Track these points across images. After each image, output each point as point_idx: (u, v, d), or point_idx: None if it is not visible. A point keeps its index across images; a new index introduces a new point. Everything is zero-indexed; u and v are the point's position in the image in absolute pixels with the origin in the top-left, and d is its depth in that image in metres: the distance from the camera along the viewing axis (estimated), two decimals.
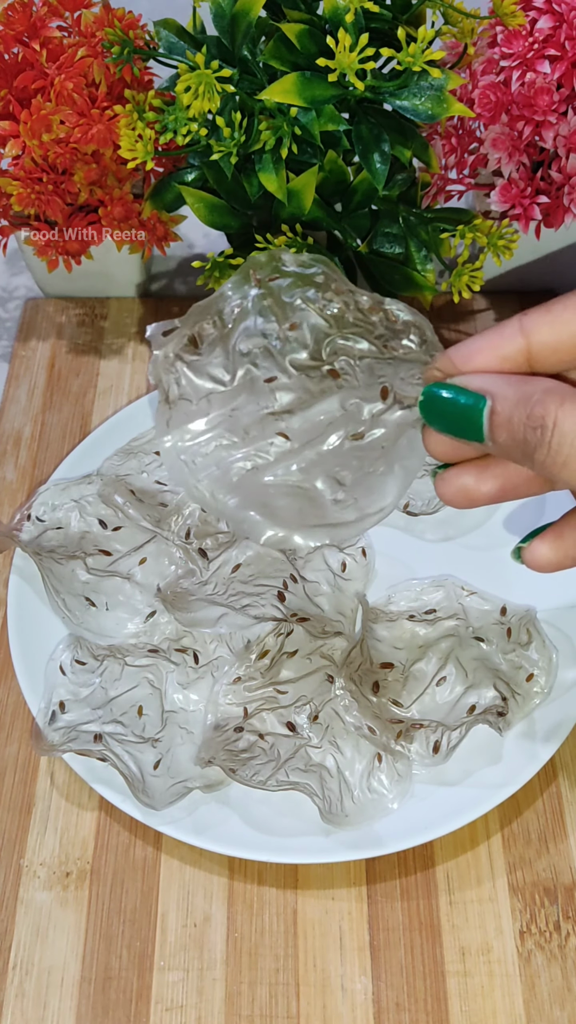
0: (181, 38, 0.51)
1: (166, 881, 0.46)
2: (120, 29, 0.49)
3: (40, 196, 0.55)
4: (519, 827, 0.47)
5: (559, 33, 0.50)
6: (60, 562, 0.51)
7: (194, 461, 0.39)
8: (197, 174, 0.55)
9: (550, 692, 0.47)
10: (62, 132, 0.51)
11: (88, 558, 0.51)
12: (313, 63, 0.47)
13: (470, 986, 0.43)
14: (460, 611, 0.50)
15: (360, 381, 0.38)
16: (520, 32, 0.50)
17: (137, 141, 0.49)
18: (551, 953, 0.44)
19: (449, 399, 0.32)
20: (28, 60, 0.52)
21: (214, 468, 0.39)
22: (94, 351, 0.65)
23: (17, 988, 0.43)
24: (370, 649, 0.49)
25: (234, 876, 0.46)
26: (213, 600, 0.49)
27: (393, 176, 0.54)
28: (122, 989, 0.43)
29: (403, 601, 0.51)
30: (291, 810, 0.45)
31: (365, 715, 0.46)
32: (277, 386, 0.38)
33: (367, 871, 0.46)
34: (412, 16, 0.49)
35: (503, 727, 0.45)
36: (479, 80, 0.53)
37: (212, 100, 0.47)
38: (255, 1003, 0.43)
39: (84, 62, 0.51)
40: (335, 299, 0.38)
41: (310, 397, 0.38)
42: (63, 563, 0.51)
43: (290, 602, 0.49)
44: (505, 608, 0.50)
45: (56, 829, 0.47)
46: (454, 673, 0.48)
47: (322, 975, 0.43)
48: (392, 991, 0.43)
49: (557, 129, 0.53)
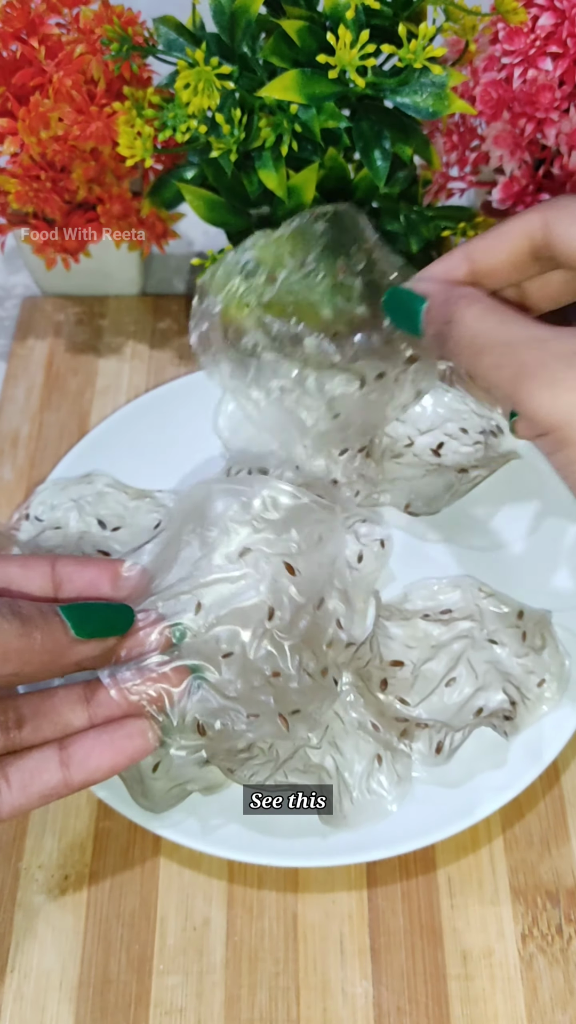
0: (180, 35, 0.50)
1: (165, 884, 0.46)
2: (119, 26, 0.49)
3: (38, 194, 0.54)
4: (521, 830, 0.47)
5: (561, 30, 0.50)
6: None
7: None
8: (196, 171, 0.54)
9: (560, 699, 0.47)
10: (60, 129, 0.50)
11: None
12: (313, 60, 0.47)
13: (471, 990, 0.43)
14: (476, 612, 0.50)
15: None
16: (522, 29, 0.50)
17: (136, 138, 0.49)
18: (553, 957, 0.44)
19: (400, 296, 0.42)
20: (26, 57, 0.51)
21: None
22: (92, 350, 0.65)
23: (15, 991, 0.43)
24: (381, 646, 0.49)
25: (234, 879, 0.46)
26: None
27: (394, 173, 0.54)
28: (121, 993, 0.43)
29: (419, 600, 0.51)
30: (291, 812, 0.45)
31: (369, 711, 0.46)
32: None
33: (368, 874, 0.46)
34: (413, 13, 0.48)
35: (509, 731, 0.45)
36: (481, 77, 0.53)
37: (211, 97, 0.46)
38: (255, 1007, 0.43)
39: (83, 59, 0.50)
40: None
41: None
42: None
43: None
44: (522, 612, 0.50)
45: (54, 832, 0.47)
46: (464, 674, 0.48)
47: (322, 979, 0.43)
48: (393, 995, 0.43)
49: (559, 126, 0.53)
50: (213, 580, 0.43)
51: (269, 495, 0.45)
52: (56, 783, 0.37)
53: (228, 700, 0.41)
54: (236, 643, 0.42)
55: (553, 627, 0.49)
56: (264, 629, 0.43)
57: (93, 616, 0.38)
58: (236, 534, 0.44)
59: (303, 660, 0.43)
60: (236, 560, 0.44)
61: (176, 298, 0.67)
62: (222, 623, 0.42)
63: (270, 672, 0.42)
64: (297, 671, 0.43)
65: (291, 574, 0.44)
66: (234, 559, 0.44)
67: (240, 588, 0.43)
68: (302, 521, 0.45)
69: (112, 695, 0.39)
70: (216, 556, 0.43)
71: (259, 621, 0.43)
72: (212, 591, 0.43)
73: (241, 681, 0.41)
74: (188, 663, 0.41)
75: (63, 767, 0.37)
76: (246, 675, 0.42)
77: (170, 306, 0.67)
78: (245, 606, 0.43)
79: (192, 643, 0.41)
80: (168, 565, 0.44)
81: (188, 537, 0.44)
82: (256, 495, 0.45)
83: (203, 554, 0.43)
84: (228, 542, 0.44)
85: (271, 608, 0.43)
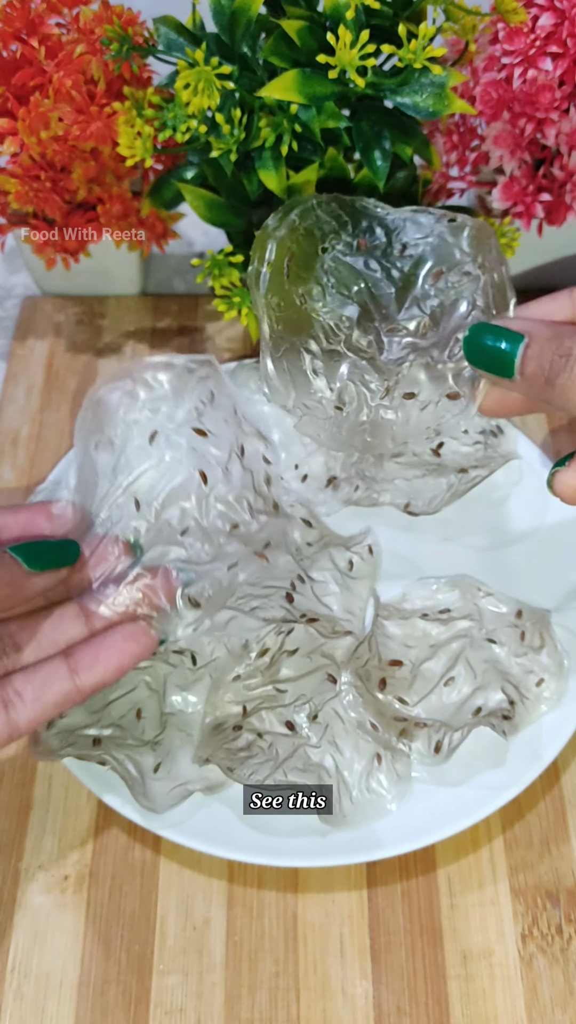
0: (180, 35, 0.50)
1: (165, 884, 0.46)
2: (119, 26, 0.49)
3: (38, 194, 0.54)
4: (521, 830, 0.47)
5: (561, 30, 0.50)
6: None
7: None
8: (196, 171, 0.54)
9: (560, 699, 0.47)
10: (60, 129, 0.50)
11: None
12: (313, 60, 0.47)
13: (471, 990, 0.43)
14: (475, 612, 0.50)
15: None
16: (522, 29, 0.50)
17: (136, 138, 0.49)
18: (553, 956, 0.44)
19: (490, 333, 0.38)
20: (26, 57, 0.51)
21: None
22: (92, 350, 0.65)
23: (15, 992, 0.43)
24: (380, 646, 0.49)
25: (234, 879, 0.46)
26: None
27: (394, 173, 0.54)
28: (121, 993, 0.43)
29: (417, 599, 0.51)
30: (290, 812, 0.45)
31: (368, 711, 0.46)
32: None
33: (368, 874, 0.46)
34: (413, 12, 0.48)
35: (507, 731, 0.45)
36: (481, 77, 0.53)
37: (211, 97, 0.46)
38: (255, 1007, 0.43)
39: (83, 59, 0.50)
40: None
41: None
42: None
43: (299, 603, 0.49)
44: (521, 611, 0.50)
45: (54, 832, 0.47)
46: (463, 674, 0.48)
47: (322, 979, 0.43)
48: (393, 995, 0.43)
49: (559, 126, 0.53)
50: (138, 475, 0.44)
51: (149, 375, 0.46)
52: (68, 690, 0.39)
53: (205, 565, 0.43)
54: (187, 518, 0.44)
55: (552, 626, 0.49)
56: (204, 493, 0.44)
57: (40, 549, 0.40)
58: (137, 424, 0.45)
59: (252, 503, 0.45)
60: (149, 448, 0.45)
61: (176, 298, 0.67)
62: (166, 507, 0.44)
63: (229, 527, 0.44)
64: (251, 514, 0.45)
65: (203, 436, 0.45)
66: (147, 448, 0.45)
67: (165, 469, 0.44)
68: (188, 386, 0.46)
69: (102, 612, 0.41)
70: (129, 453, 0.44)
71: (197, 490, 0.44)
72: (142, 485, 0.44)
73: (208, 545, 0.43)
74: (154, 554, 0.43)
75: (72, 674, 0.39)
76: (210, 539, 0.44)
77: (170, 306, 0.67)
78: (177, 483, 0.44)
79: (150, 537, 0.43)
80: (92, 485, 0.45)
81: (96, 451, 0.45)
82: (137, 381, 0.46)
83: (116, 457, 0.45)
84: (133, 436, 0.45)
85: (201, 472, 0.44)
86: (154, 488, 0.44)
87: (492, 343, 0.38)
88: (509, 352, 0.37)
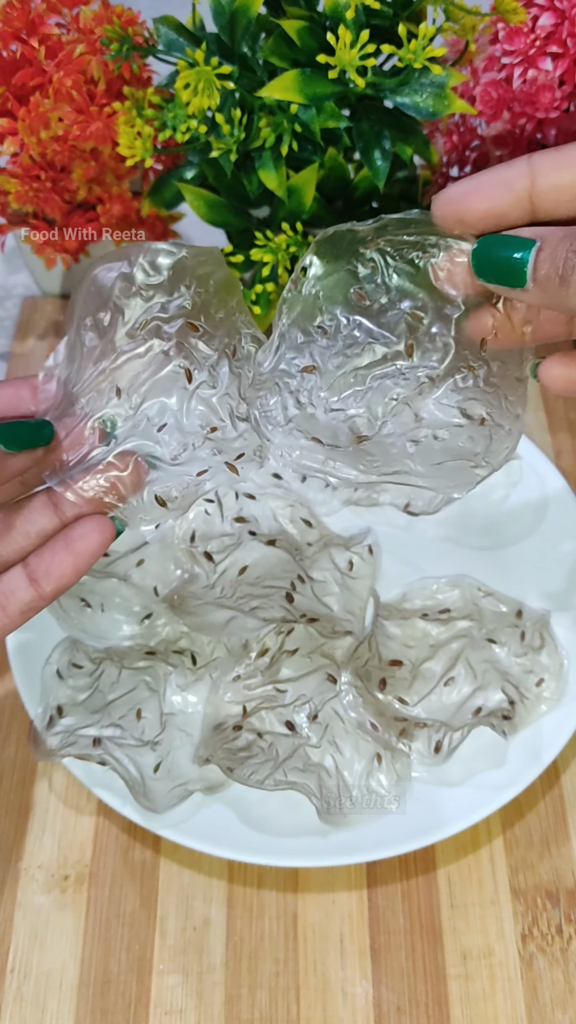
0: (180, 35, 0.50)
1: (165, 884, 0.46)
2: (119, 26, 0.49)
3: (38, 194, 0.54)
4: (521, 830, 0.47)
5: (560, 30, 0.50)
6: None
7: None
8: (196, 171, 0.54)
9: (559, 699, 0.47)
10: (60, 129, 0.50)
11: None
12: (313, 60, 0.47)
13: (471, 990, 0.43)
14: (475, 612, 0.50)
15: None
16: (522, 29, 0.50)
17: (136, 138, 0.49)
18: (553, 956, 0.44)
19: (500, 243, 0.36)
20: (26, 57, 0.51)
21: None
22: None
23: (15, 992, 0.43)
24: (380, 646, 0.49)
25: (234, 879, 0.46)
26: (221, 603, 0.48)
27: (394, 173, 0.54)
28: (121, 993, 0.43)
29: (417, 599, 0.51)
30: (291, 811, 0.45)
31: (368, 711, 0.46)
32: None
33: (368, 874, 0.46)
34: (413, 13, 0.48)
35: (507, 731, 0.45)
36: (481, 77, 0.53)
37: (211, 97, 0.46)
38: (255, 1007, 0.43)
39: (83, 59, 0.50)
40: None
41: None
42: None
43: (299, 603, 0.49)
44: (521, 611, 0.50)
45: (54, 832, 0.47)
46: (463, 674, 0.48)
47: (322, 979, 0.43)
48: (393, 995, 0.43)
49: (559, 126, 0.53)
50: (123, 362, 0.43)
51: (147, 260, 0.44)
52: (31, 598, 0.39)
53: (177, 467, 0.42)
54: (167, 413, 0.43)
55: (552, 627, 0.49)
56: (187, 390, 0.43)
57: (17, 430, 0.40)
58: (129, 309, 0.43)
59: (234, 409, 0.44)
60: (137, 335, 0.43)
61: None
62: (147, 399, 0.43)
63: (207, 429, 0.43)
64: (231, 419, 0.43)
65: (194, 331, 0.43)
66: (135, 335, 0.43)
67: (150, 360, 0.43)
68: (187, 274, 0.44)
69: (68, 497, 0.41)
70: (117, 337, 0.43)
71: (180, 386, 0.43)
72: (125, 372, 0.43)
73: (183, 447, 0.43)
74: (128, 446, 0.42)
75: (33, 583, 0.39)
76: (186, 439, 0.43)
77: None
78: (162, 376, 0.43)
79: (126, 428, 0.42)
80: (77, 366, 0.44)
81: (84, 331, 0.44)
82: (135, 265, 0.43)
83: (104, 339, 0.43)
84: (123, 320, 0.43)
85: (187, 369, 0.43)
86: (137, 378, 0.43)
87: (503, 252, 0.37)
88: (522, 258, 0.36)
